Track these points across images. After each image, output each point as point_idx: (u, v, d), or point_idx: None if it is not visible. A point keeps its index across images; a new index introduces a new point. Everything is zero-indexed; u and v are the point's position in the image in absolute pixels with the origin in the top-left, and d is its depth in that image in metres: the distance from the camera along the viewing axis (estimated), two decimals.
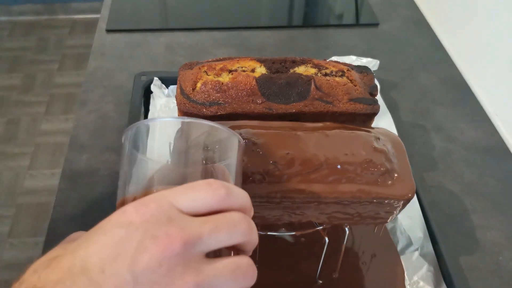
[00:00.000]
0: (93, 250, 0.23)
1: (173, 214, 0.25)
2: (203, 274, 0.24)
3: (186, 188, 0.26)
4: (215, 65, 0.48)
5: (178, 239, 0.23)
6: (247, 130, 0.40)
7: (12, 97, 1.83)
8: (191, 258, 0.24)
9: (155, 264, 0.23)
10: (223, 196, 0.26)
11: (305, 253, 0.51)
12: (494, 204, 0.58)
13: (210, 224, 0.25)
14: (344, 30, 0.86)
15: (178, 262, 0.23)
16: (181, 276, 0.23)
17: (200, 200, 0.26)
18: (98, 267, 0.22)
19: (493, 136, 0.67)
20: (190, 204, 0.25)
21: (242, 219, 0.26)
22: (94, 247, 0.23)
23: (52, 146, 1.64)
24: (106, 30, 0.83)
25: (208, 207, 0.26)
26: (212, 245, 0.25)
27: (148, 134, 0.31)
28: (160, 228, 0.24)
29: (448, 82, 0.76)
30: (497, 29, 0.70)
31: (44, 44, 2.10)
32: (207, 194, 0.26)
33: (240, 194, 0.28)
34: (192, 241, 0.24)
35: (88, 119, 0.66)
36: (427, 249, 0.51)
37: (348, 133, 0.41)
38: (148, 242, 0.23)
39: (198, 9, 0.91)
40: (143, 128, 0.31)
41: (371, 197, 0.38)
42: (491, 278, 0.51)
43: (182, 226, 0.24)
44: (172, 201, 0.25)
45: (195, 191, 0.26)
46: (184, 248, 0.23)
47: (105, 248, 0.23)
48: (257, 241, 0.28)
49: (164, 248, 0.23)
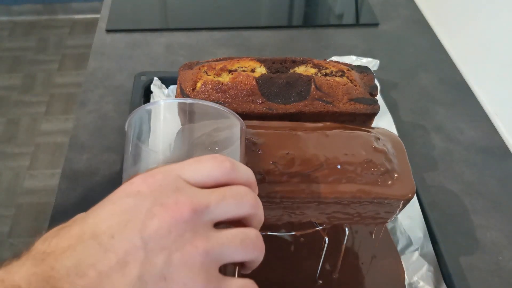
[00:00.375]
0: (103, 218, 0.23)
1: (180, 184, 0.25)
2: (212, 241, 0.24)
3: (192, 162, 0.26)
4: (215, 65, 0.48)
5: (187, 206, 0.24)
6: (247, 130, 0.40)
7: (12, 97, 1.83)
8: (200, 226, 0.24)
9: (164, 230, 0.23)
10: (229, 169, 0.26)
11: (305, 253, 0.51)
12: (494, 204, 0.58)
13: (217, 194, 0.25)
14: (344, 30, 0.86)
15: (187, 229, 0.23)
16: (191, 242, 0.23)
17: (206, 172, 0.26)
18: (108, 233, 0.23)
19: (493, 136, 0.67)
20: (196, 176, 0.26)
21: (248, 192, 0.27)
22: (103, 216, 0.24)
23: (52, 146, 1.64)
24: (106, 30, 0.83)
25: (214, 179, 0.26)
26: (220, 215, 0.25)
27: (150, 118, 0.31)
28: (168, 196, 0.24)
29: (448, 82, 0.76)
30: (497, 29, 0.70)
31: (44, 44, 2.10)
32: (213, 167, 0.26)
33: (245, 169, 0.28)
34: (201, 209, 0.24)
35: (88, 119, 0.66)
36: (427, 249, 0.51)
37: (348, 133, 0.41)
38: (157, 209, 0.23)
39: (198, 9, 0.91)
40: (145, 113, 0.31)
41: (371, 197, 0.38)
42: (491, 278, 0.51)
43: (190, 194, 0.24)
44: (178, 173, 0.25)
45: (201, 164, 0.26)
46: (193, 215, 0.24)
47: (114, 215, 0.23)
48: (263, 217, 0.28)
49: (173, 215, 0.23)
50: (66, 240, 0.23)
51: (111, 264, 0.22)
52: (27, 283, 0.21)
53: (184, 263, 0.23)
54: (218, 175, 0.26)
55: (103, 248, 0.22)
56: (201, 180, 0.26)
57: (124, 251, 0.22)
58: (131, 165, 0.30)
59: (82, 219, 0.24)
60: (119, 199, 0.24)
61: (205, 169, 0.26)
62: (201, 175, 0.26)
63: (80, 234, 0.23)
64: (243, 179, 0.27)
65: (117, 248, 0.22)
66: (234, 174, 0.27)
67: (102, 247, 0.22)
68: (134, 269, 0.22)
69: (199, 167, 0.26)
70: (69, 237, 0.23)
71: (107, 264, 0.22)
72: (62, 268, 0.21)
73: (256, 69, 0.48)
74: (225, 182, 0.26)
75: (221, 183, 0.26)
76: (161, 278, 0.22)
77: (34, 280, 0.21)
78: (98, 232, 0.23)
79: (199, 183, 0.26)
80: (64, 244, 0.22)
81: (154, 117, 0.31)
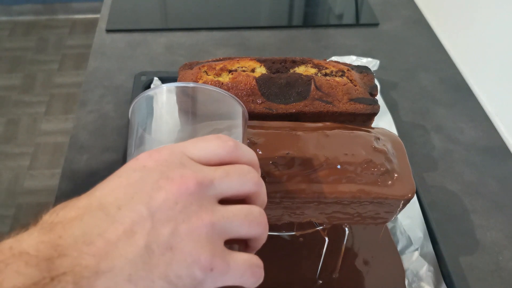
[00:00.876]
0: (109, 190, 0.24)
1: (185, 160, 0.25)
2: (218, 214, 0.24)
3: (197, 140, 0.27)
4: (215, 65, 0.48)
5: (192, 179, 0.24)
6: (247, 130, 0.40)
7: (12, 97, 1.83)
8: (205, 199, 0.24)
9: (171, 201, 0.23)
10: (232, 148, 0.27)
11: (305, 253, 0.51)
12: (494, 204, 0.58)
13: (221, 171, 0.26)
14: (344, 30, 0.86)
15: (193, 201, 0.24)
16: (197, 214, 0.24)
17: (210, 150, 0.27)
18: (115, 204, 0.23)
19: (493, 136, 0.67)
20: (201, 153, 0.26)
21: (251, 170, 0.27)
22: (110, 188, 0.24)
23: (52, 146, 1.64)
24: (106, 30, 0.83)
25: (218, 157, 0.27)
26: (225, 190, 0.26)
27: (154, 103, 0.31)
28: (174, 170, 0.24)
29: (448, 82, 0.76)
30: (497, 29, 0.70)
31: (44, 44, 2.10)
32: (217, 145, 0.27)
33: (247, 149, 0.28)
34: (205, 183, 0.25)
35: (88, 119, 0.66)
36: (427, 249, 0.51)
37: (348, 133, 0.41)
38: (163, 182, 0.24)
39: (198, 9, 0.91)
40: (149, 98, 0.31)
41: (371, 197, 0.38)
42: (491, 278, 0.51)
43: (195, 170, 0.25)
44: (183, 150, 0.26)
45: (205, 142, 0.27)
46: (198, 188, 0.24)
47: (121, 188, 0.24)
48: (266, 198, 0.29)
49: (179, 187, 0.24)
50: (74, 211, 0.23)
51: (118, 233, 0.22)
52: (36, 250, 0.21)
53: (190, 234, 0.23)
54: (222, 153, 0.27)
55: (110, 218, 0.22)
56: (205, 157, 0.26)
57: (131, 221, 0.22)
58: (136, 148, 0.30)
59: (90, 193, 0.24)
60: (126, 173, 0.25)
61: (209, 147, 0.27)
62: (206, 152, 0.26)
63: (88, 205, 0.23)
64: (246, 158, 0.28)
65: (124, 219, 0.22)
66: (238, 153, 0.27)
67: (110, 218, 0.22)
68: (141, 238, 0.22)
69: (203, 145, 0.27)
70: (77, 209, 0.23)
71: (114, 233, 0.22)
72: (70, 237, 0.22)
73: (256, 69, 0.48)
74: (229, 160, 0.27)
75: (225, 162, 0.27)
76: (167, 247, 0.23)
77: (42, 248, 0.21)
78: (105, 203, 0.23)
79: (203, 161, 0.26)
80: (71, 215, 0.23)
81: (158, 102, 0.31)
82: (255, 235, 0.27)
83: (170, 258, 0.22)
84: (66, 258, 0.21)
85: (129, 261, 0.22)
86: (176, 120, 0.31)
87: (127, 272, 0.21)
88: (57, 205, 0.24)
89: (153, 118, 0.31)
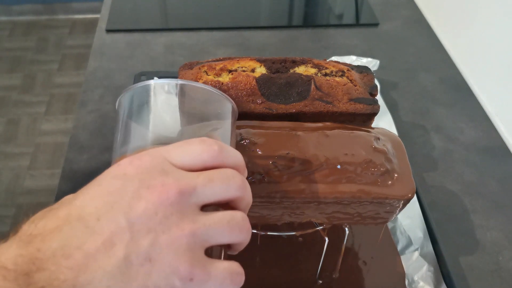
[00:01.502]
0: (89, 200, 0.24)
1: (167, 167, 0.25)
2: (199, 223, 0.24)
3: (180, 144, 0.26)
4: (215, 65, 0.48)
5: (174, 188, 0.24)
6: (247, 130, 0.40)
7: (12, 97, 1.83)
8: (186, 208, 0.24)
9: (151, 211, 0.23)
10: (217, 152, 0.26)
11: (305, 253, 0.51)
12: (494, 204, 0.58)
13: (204, 177, 0.25)
14: (344, 30, 0.86)
15: (174, 211, 0.23)
16: (177, 224, 0.23)
17: (194, 154, 0.26)
18: (94, 215, 0.23)
19: (493, 136, 0.67)
20: (184, 158, 0.26)
21: (235, 174, 0.27)
22: (89, 197, 0.24)
23: (52, 146, 1.64)
24: (106, 30, 0.83)
25: (202, 162, 0.26)
26: (207, 197, 0.25)
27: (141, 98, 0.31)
28: (155, 178, 0.24)
29: (448, 82, 0.76)
30: (497, 29, 0.70)
31: (44, 44, 2.10)
32: (201, 149, 0.26)
33: (233, 152, 0.28)
34: (187, 191, 0.24)
35: (88, 119, 0.66)
36: (427, 249, 0.51)
37: (348, 133, 0.41)
38: (144, 191, 0.23)
39: (198, 9, 0.91)
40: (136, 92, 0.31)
41: (371, 197, 0.38)
42: (491, 278, 0.51)
43: (177, 177, 0.24)
44: (166, 155, 0.25)
45: (189, 147, 0.26)
46: (180, 197, 0.24)
47: (101, 197, 0.24)
48: (251, 200, 0.28)
49: (159, 197, 0.23)
50: (53, 222, 0.23)
51: (97, 245, 0.22)
52: (14, 264, 0.21)
53: (170, 245, 0.23)
54: (206, 158, 0.26)
55: (90, 230, 0.22)
56: (188, 163, 0.26)
57: (110, 233, 0.22)
58: (121, 145, 0.30)
59: (69, 202, 0.24)
60: (106, 181, 0.25)
61: (193, 152, 0.26)
62: (189, 157, 0.26)
63: (67, 216, 0.23)
64: (231, 161, 0.27)
65: (103, 230, 0.22)
66: (222, 157, 0.27)
67: (89, 229, 0.22)
68: (120, 250, 0.22)
69: (187, 149, 0.26)
70: (56, 219, 0.23)
71: (93, 245, 0.22)
72: (48, 250, 0.21)
73: (256, 69, 0.48)
74: (213, 165, 0.26)
75: (209, 166, 0.26)
76: (146, 259, 0.22)
77: (20, 262, 0.21)
78: (84, 214, 0.23)
79: (186, 166, 0.26)
80: (50, 226, 0.23)
81: (145, 96, 0.31)
82: (237, 241, 0.27)
83: (149, 269, 0.22)
84: (44, 272, 0.21)
85: (107, 273, 0.22)
86: (162, 117, 0.31)
87: (105, 284, 0.21)
88: (37, 214, 0.24)
89: (140, 112, 0.31)
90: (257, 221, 0.42)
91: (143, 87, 0.31)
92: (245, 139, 0.39)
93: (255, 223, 0.42)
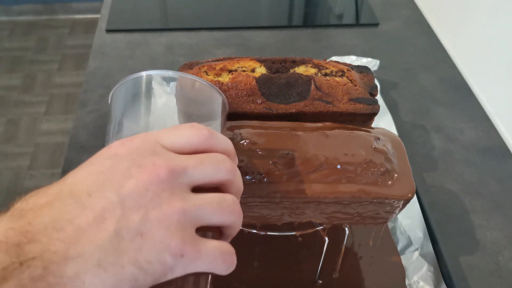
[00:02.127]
0: (81, 178, 0.24)
1: (158, 148, 0.25)
2: (189, 202, 0.25)
3: (171, 129, 0.27)
4: (215, 65, 0.48)
5: (164, 167, 0.24)
6: (247, 130, 0.40)
7: (12, 97, 1.83)
8: (177, 187, 0.24)
9: (141, 188, 0.23)
10: (206, 136, 0.27)
11: (305, 253, 0.51)
12: (494, 204, 0.58)
13: (195, 159, 0.26)
14: (344, 30, 0.86)
15: (165, 189, 0.24)
16: (168, 201, 0.24)
17: (184, 138, 0.26)
18: (85, 191, 0.23)
19: (493, 136, 0.67)
20: (174, 142, 0.26)
21: (225, 159, 0.27)
22: (81, 176, 0.24)
23: (52, 146, 1.64)
24: (106, 30, 0.83)
25: (192, 146, 0.27)
26: (197, 179, 0.26)
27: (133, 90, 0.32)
28: (146, 158, 0.24)
29: (448, 82, 0.76)
30: (497, 29, 0.70)
31: (44, 44, 2.10)
32: (191, 133, 0.27)
33: (223, 138, 0.28)
34: (178, 171, 0.25)
35: (88, 119, 0.66)
36: (427, 249, 0.51)
37: (348, 133, 0.41)
38: (134, 170, 0.24)
39: (198, 9, 0.91)
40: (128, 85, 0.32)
41: (371, 197, 0.38)
42: (491, 278, 0.51)
43: (168, 158, 0.25)
44: (157, 138, 0.26)
45: (179, 131, 0.27)
46: (170, 176, 0.24)
47: (92, 175, 0.24)
48: (241, 186, 0.29)
49: (150, 175, 0.24)
50: (44, 198, 0.23)
51: (88, 220, 0.22)
52: (5, 236, 0.21)
53: (161, 221, 0.23)
54: (196, 141, 0.27)
55: (81, 205, 0.23)
56: (179, 146, 0.26)
57: (101, 208, 0.23)
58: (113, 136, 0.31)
59: (62, 180, 0.24)
60: (98, 161, 0.25)
61: (183, 135, 0.27)
62: (179, 141, 0.26)
63: (58, 192, 0.23)
64: (221, 147, 0.28)
65: (94, 205, 0.23)
66: (212, 141, 0.27)
67: (80, 204, 0.23)
68: (111, 224, 0.22)
69: (177, 133, 0.27)
70: (47, 195, 0.23)
71: (84, 219, 0.22)
72: (40, 223, 0.22)
73: (256, 69, 0.48)
74: (203, 149, 0.27)
75: (199, 150, 0.27)
76: (137, 233, 0.23)
77: (11, 234, 0.21)
78: (75, 190, 0.23)
79: (177, 149, 0.26)
80: (41, 202, 0.23)
81: (137, 88, 0.31)
82: (228, 223, 0.27)
83: (140, 244, 0.23)
84: (35, 244, 0.21)
85: (98, 247, 0.22)
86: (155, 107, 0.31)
87: (97, 257, 0.22)
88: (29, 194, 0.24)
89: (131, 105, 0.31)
90: (257, 221, 0.42)
91: (134, 80, 0.32)
92: (245, 139, 0.39)
93: (255, 223, 0.42)
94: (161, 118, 0.31)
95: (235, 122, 0.42)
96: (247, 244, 0.51)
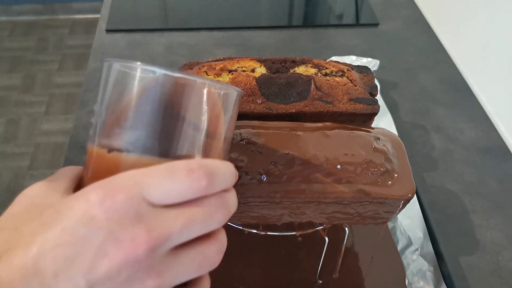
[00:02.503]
0: (49, 248, 0.21)
1: (142, 209, 0.22)
2: (166, 275, 0.23)
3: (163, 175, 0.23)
4: (215, 65, 0.48)
5: (144, 244, 0.22)
6: (247, 130, 0.40)
7: (12, 97, 1.83)
8: (155, 261, 0.22)
9: (114, 271, 0.21)
10: (203, 187, 0.23)
11: (305, 253, 0.51)
12: (494, 204, 0.58)
13: (183, 219, 0.23)
14: (344, 30, 0.86)
15: (140, 268, 0.22)
16: (141, 282, 0.22)
17: (177, 191, 0.23)
18: (51, 270, 0.21)
19: (493, 136, 0.67)
20: (164, 196, 0.23)
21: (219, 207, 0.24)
22: (49, 245, 0.21)
23: (52, 146, 1.64)
24: (106, 30, 0.83)
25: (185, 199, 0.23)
26: (182, 240, 0.23)
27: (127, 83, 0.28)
28: (125, 230, 0.22)
29: (448, 82, 0.76)
30: (497, 29, 0.70)
31: (44, 44, 2.10)
32: (187, 186, 0.23)
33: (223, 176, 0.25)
34: (159, 244, 0.22)
35: (88, 119, 0.66)
36: (427, 249, 0.51)
37: (348, 133, 0.41)
38: (110, 246, 0.21)
39: (198, 9, 0.91)
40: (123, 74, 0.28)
41: (371, 197, 0.38)
42: (491, 278, 0.51)
43: (150, 226, 0.22)
44: (143, 192, 0.22)
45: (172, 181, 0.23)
46: (149, 253, 0.22)
47: (62, 247, 0.21)
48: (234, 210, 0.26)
49: (126, 255, 0.21)
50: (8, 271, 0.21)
51: None
52: None
53: None
54: (190, 195, 0.23)
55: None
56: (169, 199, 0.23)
57: None
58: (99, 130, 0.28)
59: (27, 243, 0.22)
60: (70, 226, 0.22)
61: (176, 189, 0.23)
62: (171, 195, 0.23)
63: (23, 266, 0.21)
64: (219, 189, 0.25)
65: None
66: (210, 190, 0.24)
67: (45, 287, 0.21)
68: None
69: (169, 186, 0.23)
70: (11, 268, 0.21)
71: None
72: None
73: (256, 69, 0.48)
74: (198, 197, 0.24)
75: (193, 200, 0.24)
76: None
77: None
78: (41, 268, 0.21)
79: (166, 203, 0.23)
80: (5, 278, 0.21)
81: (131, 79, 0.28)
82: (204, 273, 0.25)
83: None
84: None
85: None
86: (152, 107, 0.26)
87: None
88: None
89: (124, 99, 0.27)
90: (257, 221, 0.42)
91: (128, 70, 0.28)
92: (245, 139, 0.39)
93: (255, 223, 0.42)
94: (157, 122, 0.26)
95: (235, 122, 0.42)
96: (247, 244, 0.51)
